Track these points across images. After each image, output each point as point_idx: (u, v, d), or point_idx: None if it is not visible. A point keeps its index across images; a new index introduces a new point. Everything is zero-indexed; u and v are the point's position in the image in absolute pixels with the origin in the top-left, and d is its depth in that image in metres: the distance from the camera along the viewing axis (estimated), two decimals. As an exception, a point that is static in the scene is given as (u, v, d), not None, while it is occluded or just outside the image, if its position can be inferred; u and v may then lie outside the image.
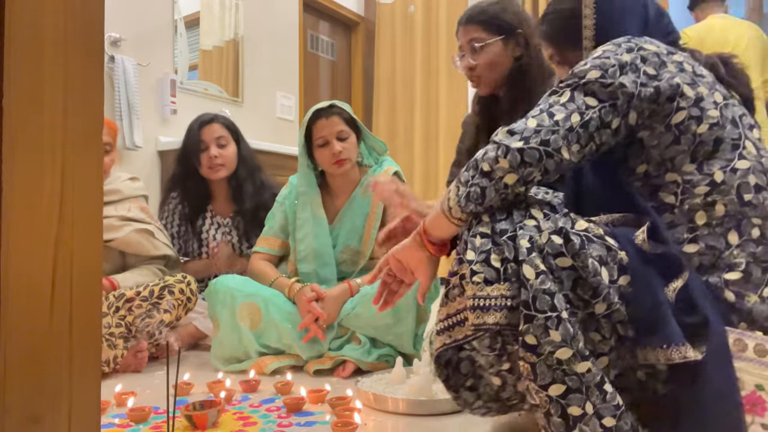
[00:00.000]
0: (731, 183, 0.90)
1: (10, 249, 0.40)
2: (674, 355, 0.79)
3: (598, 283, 0.82)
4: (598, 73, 0.92)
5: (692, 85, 0.94)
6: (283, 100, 4.02)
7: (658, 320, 0.81)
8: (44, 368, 0.42)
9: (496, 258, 0.86)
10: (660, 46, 0.97)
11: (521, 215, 0.88)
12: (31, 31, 0.41)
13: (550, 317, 0.80)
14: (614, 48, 0.96)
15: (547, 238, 0.84)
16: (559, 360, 0.79)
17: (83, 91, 0.44)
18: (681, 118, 0.92)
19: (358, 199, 1.99)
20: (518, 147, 0.87)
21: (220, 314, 1.82)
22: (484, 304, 0.85)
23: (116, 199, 1.98)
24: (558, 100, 0.92)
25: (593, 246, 0.85)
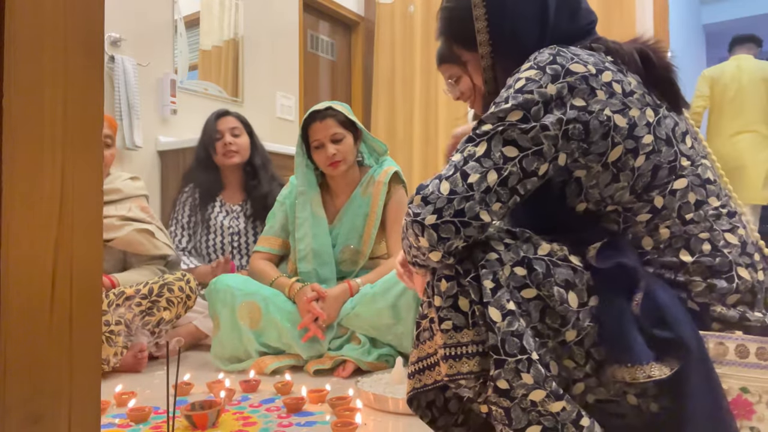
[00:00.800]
0: (672, 206, 0.87)
1: (10, 249, 0.40)
2: (638, 374, 0.77)
3: (566, 311, 0.80)
4: (519, 115, 0.84)
5: (623, 112, 0.87)
6: (283, 100, 4.02)
7: (622, 338, 0.79)
8: (44, 368, 0.42)
9: (464, 302, 0.82)
10: (588, 64, 0.88)
11: (482, 251, 0.83)
12: (31, 31, 0.41)
13: (520, 360, 0.77)
14: (538, 75, 0.86)
15: (509, 272, 0.81)
16: (533, 402, 0.77)
17: (83, 91, 0.44)
18: (618, 155, 0.86)
19: (359, 198, 1.99)
20: (432, 223, 0.82)
21: (221, 313, 1.82)
22: (455, 353, 0.83)
23: (117, 198, 1.98)
24: (474, 152, 0.85)
25: (558, 270, 0.82)
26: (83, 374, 0.44)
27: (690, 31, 7.02)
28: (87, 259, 0.44)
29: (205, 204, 2.45)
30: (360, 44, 4.87)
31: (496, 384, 0.78)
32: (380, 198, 1.97)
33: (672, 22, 4.12)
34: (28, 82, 0.41)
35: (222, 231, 2.44)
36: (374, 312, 1.73)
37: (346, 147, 1.92)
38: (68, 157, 0.43)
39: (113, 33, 2.94)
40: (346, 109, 1.96)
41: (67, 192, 0.43)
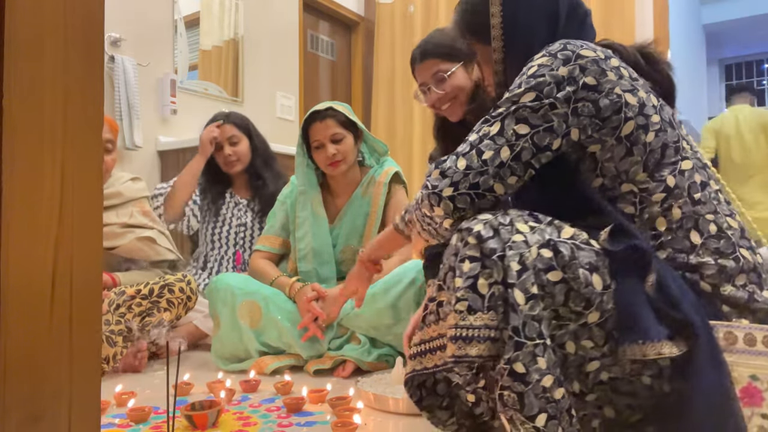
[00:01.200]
0: (683, 185, 0.92)
1: (10, 249, 0.40)
2: (649, 351, 0.79)
3: (591, 293, 0.82)
4: (532, 96, 0.91)
5: (633, 92, 0.93)
6: (283, 100, 4.02)
7: (636, 316, 0.81)
8: (44, 368, 0.42)
9: (484, 283, 0.83)
10: (597, 51, 0.95)
11: (508, 231, 0.85)
12: (31, 31, 0.41)
13: (538, 344, 0.79)
14: (550, 61, 0.93)
15: (536, 254, 0.82)
16: (544, 388, 0.78)
17: (83, 91, 0.44)
18: (630, 129, 0.92)
19: (359, 198, 1.99)
20: (449, 195, 0.90)
21: (221, 312, 1.82)
22: (466, 335, 0.82)
23: (118, 203, 1.98)
24: (488, 131, 0.92)
25: (582, 253, 0.83)
26: (83, 374, 0.44)
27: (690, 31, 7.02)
28: (87, 259, 0.44)
29: (215, 198, 2.52)
30: (360, 44, 4.87)
31: (513, 367, 0.78)
32: (381, 198, 1.97)
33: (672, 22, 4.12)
34: (28, 82, 0.41)
35: (230, 221, 2.50)
36: (374, 312, 1.73)
37: (346, 147, 1.92)
38: (68, 157, 0.43)
39: (113, 33, 2.94)
40: (346, 110, 1.96)
41: (67, 192, 0.43)
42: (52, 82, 0.43)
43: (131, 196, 2.03)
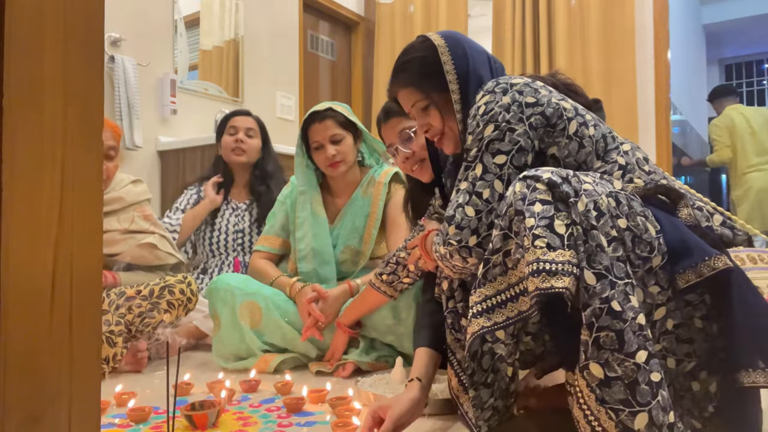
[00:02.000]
0: (632, 162, 1.06)
1: (10, 249, 0.40)
2: (717, 263, 0.86)
3: (650, 238, 0.88)
4: (491, 127, 1.03)
5: (564, 100, 1.09)
6: (283, 100, 4.02)
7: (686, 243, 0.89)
8: (44, 368, 0.42)
9: (560, 224, 0.85)
10: (523, 78, 1.11)
11: (577, 181, 0.90)
12: (31, 30, 0.41)
13: (628, 284, 0.82)
14: (491, 97, 1.07)
15: (607, 201, 0.88)
16: (640, 326, 0.80)
17: (83, 91, 0.44)
18: (575, 127, 1.06)
19: (360, 199, 1.99)
20: (475, 243, 0.98)
21: (221, 313, 1.82)
22: (550, 268, 0.82)
23: (119, 207, 1.98)
24: (476, 174, 1.03)
25: (634, 204, 0.91)
26: (83, 374, 0.44)
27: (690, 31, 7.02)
28: (87, 259, 0.44)
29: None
30: (360, 44, 4.87)
31: (611, 305, 0.80)
32: (381, 198, 1.97)
33: (672, 22, 4.12)
34: (28, 82, 0.41)
35: (227, 229, 2.47)
36: (375, 313, 1.73)
37: (345, 147, 1.92)
38: (68, 157, 0.43)
39: (113, 33, 2.94)
40: (346, 110, 1.96)
41: (67, 192, 0.43)
42: (52, 82, 0.43)
43: (132, 200, 2.03)
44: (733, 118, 4.53)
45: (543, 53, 4.07)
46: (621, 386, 0.79)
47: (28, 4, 0.41)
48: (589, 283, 0.81)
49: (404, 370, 1.51)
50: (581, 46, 3.93)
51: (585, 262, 0.82)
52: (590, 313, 0.80)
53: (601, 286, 0.80)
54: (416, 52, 1.22)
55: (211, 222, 2.49)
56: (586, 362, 0.81)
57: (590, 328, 0.80)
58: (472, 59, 1.18)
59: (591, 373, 0.80)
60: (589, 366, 0.81)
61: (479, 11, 4.62)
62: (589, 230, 0.84)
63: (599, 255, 0.82)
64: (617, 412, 0.79)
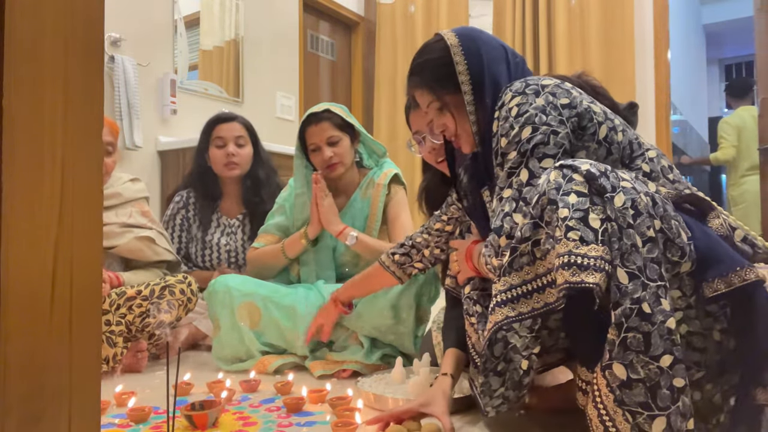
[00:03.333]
0: (656, 169, 1.04)
1: (10, 249, 0.40)
2: (750, 275, 0.84)
3: (683, 243, 0.86)
4: (529, 129, 1.01)
5: (593, 103, 1.07)
6: (283, 100, 4.02)
7: (720, 251, 0.87)
8: (44, 368, 0.42)
9: (595, 218, 0.83)
10: (553, 79, 1.09)
11: (615, 177, 0.87)
12: (31, 31, 0.41)
13: (660, 286, 0.80)
14: (523, 99, 1.04)
15: (645, 201, 0.86)
16: (669, 330, 0.79)
17: (83, 91, 0.44)
18: (605, 132, 1.04)
19: (359, 201, 1.99)
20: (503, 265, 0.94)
21: (220, 315, 1.82)
22: (582, 262, 0.80)
23: (117, 203, 1.98)
24: (521, 180, 1.00)
25: (668, 207, 0.89)
26: (83, 374, 0.44)
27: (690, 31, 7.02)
28: (87, 259, 0.44)
29: (202, 218, 2.32)
30: (360, 44, 4.87)
31: (641, 307, 0.78)
32: (380, 200, 1.97)
33: (672, 22, 4.12)
34: (28, 82, 0.41)
35: (219, 248, 2.31)
36: (375, 312, 1.72)
37: (342, 149, 1.92)
38: (68, 157, 0.43)
39: (113, 33, 2.94)
40: (344, 111, 1.95)
41: (67, 192, 0.43)
42: (52, 82, 0.43)
43: (130, 196, 2.03)
44: (745, 119, 4.54)
45: (543, 53, 4.08)
46: (642, 389, 0.78)
47: (28, 4, 0.41)
48: (622, 282, 0.80)
49: (404, 370, 1.51)
50: (581, 46, 3.93)
51: (618, 260, 0.80)
52: (620, 312, 0.79)
53: (633, 286, 0.79)
54: (430, 53, 1.21)
55: (202, 239, 2.32)
56: (609, 362, 0.80)
57: (619, 327, 0.79)
58: (487, 57, 1.15)
59: (614, 373, 0.79)
60: (612, 366, 0.79)
61: (480, 11, 4.62)
62: (624, 228, 0.82)
63: (633, 254, 0.81)
64: (635, 415, 0.78)
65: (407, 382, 1.44)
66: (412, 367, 1.58)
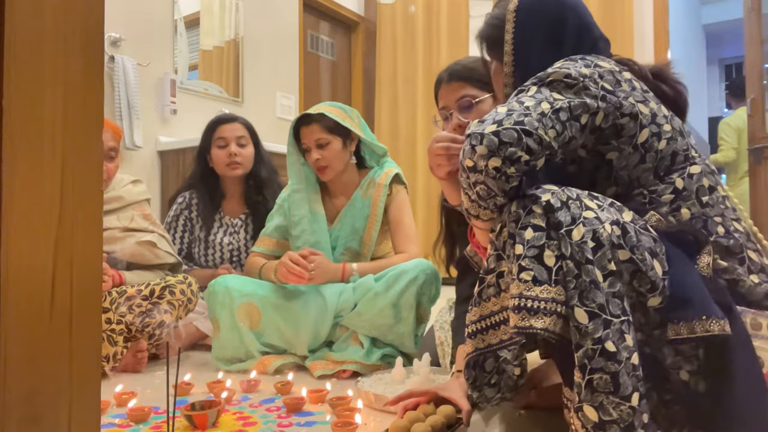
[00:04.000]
0: (691, 188, 0.94)
1: (10, 249, 0.40)
2: (713, 326, 0.78)
3: (655, 277, 0.80)
4: (562, 74, 0.92)
5: (645, 103, 0.97)
6: (283, 100, 4.02)
7: (695, 294, 0.80)
8: (44, 368, 0.42)
9: (550, 255, 0.80)
10: (611, 63, 0.99)
11: (577, 206, 0.82)
12: (31, 31, 0.41)
13: (624, 321, 0.77)
14: (571, 62, 0.96)
15: (609, 230, 0.80)
16: (634, 366, 0.76)
17: (83, 91, 0.44)
18: (645, 137, 0.95)
19: (359, 200, 1.99)
20: (492, 130, 0.83)
21: (220, 315, 1.82)
22: (531, 306, 0.79)
23: (118, 206, 1.98)
24: (525, 92, 0.91)
25: (644, 237, 0.83)
26: (83, 374, 0.44)
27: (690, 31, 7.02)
28: (87, 259, 0.44)
29: (205, 219, 2.33)
30: (360, 44, 4.87)
31: (604, 346, 0.75)
32: (381, 200, 1.96)
33: (672, 22, 4.12)
34: (28, 83, 0.41)
35: (221, 248, 2.33)
36: (375, 311, 1.73)
37: (330, 153, 1.89)
38: (68, 157, 0.43)
39: (113, 33, 2.94)
40: (341, 112, 1.92)
41: (67, 192, 0.43)
42: (52, 82, 0.43)
43: (132, 199, 2.03)
44: (745, 120, 4.59)
45: (543, 53, 4.07)
46: (617, 429, 0.76)
47: (28, 5, 0.41)
48: (581, 322, 0.76)
49: (404, 370, 1.51)
50: (581, 46, 3.93)
51: (576, 299, 0.77)
52: (582, 354, 0.76)
53: (594, 326, 0.76)
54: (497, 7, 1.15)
55: (205, 240, 2.34)
56: (580, 404, 0.77)
57: (583, 370, 0.76)
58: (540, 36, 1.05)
59: (585, 415, 0.77)
60: (583, 408, 0.77)
61: (480, 11, 4.61)
62: (583, 264, 0.78)
63: (593, 292, 0.77)
64: None
65: (407, 382, 1.44)
66: (412, 367, 1.58)
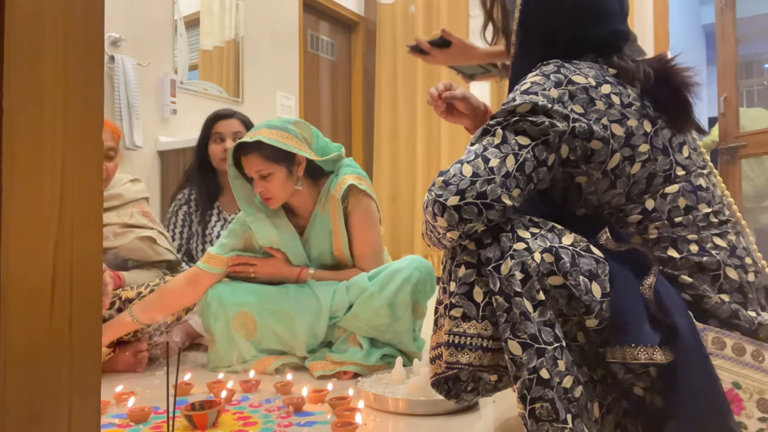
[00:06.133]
0: (662, 209, 0.91)
1: (10, 249, 0.40)
2: (641, 355, 0.78)
3: (591, 300, 0.81)
4: (527, 107, 0.89)
5: (621, 122, 0.91)
6: (283, 100, 4.02)
7: (629, 319, 0.80)
8: (44, 368, 0.42)
9: (479, 291, 0.84)
10: (588, 77, 0.93)
11: (509, 239, 0.84)
12: (31, 31, 0.41)
13: (556, 347, 0.79)
14: (542, 80, 0.92)
15: (539, 259, 0.82)
16: (565, 389, 0.78)
17: (83, 91, 0.44)
18: (616, 162, 0.91)
19: (320, 216, 1.85)
20: (454, 205, 0.83)
21: (214, 327, 1.79)
22: (459, 342, 0.84)
23: (118, 204, 1.98)
24: (491, 141, 0.89)
25: (582, 261, 0.83)
26: (83, 374, 0.44)
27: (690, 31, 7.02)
28: (87, 259, 0.44)
29: (203, 213, 2.35)
30: (360, 44, 4.87)
31: (540, 374, 0.78)
32: (339, 214, 1.82)
33: (672, 22, 4.12)
34: (28, 82, 0.41)
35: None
36: (372, 311, 1.72)
37: (273, 184, 1.73)
38: (68, 157, 0.43)
39: (113, 33, 2.94)
40: (281, 134, 1.72)
41: (67, 192, 0.43)
42: (52, 82, 0.43)
43: (131, 197, 2.04)
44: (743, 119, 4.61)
45: (543, 53, 4.07)
46: None
47: (27, 5, 0.41)
48: (515, 354, 0.79)
49: (404, 370, 1.51)
50: (581, 46, 3.93)
51: (509, 332, 0.79)
52: (521, 385, 0.79)
53: (528, 356, 0.78)
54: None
55: (202, 234, 2.35)
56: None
57: (524, 400, 0.79)
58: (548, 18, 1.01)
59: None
60: None
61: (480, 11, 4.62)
62: (512, 296, 0.80)
63: (524, 323, 0.79)
64: None
65: (407, 382, 1.44)
66: (412, 367, 1.58)
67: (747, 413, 0.80)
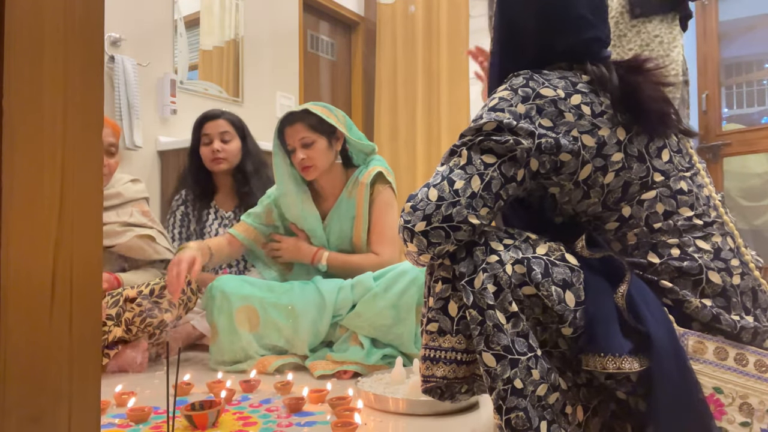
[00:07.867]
0: (639, 215, 0.91)
1: (10, 249, 0.40)
2: (609, 365, 0.78)
3: (564, 310, 0.82)
4: (493, 125, 0.89)
5: (591, 132, 0.90)
6: (283, 100, 4.02)
7: (599, 329, 0.80)
8: (44, 368, 0.42)
9: (454, 306, 0.86)
10: (558, 89, 0.92)
11: (482, 252, 0.85)
12: (31, 31, 0.41)
13: (530, 357, 0.80)
14: (510, 95, 0.92)
15: (511, 271, 0.83)
16: (539, 397, 0.80)
17: (83, 91, 0.44)
18: (587, 173, 0.91)
19: (345, 201, 1.96)
20: (421, 230, 0.85)
21: (218, 320, 1.80)
22: (434, 356, 0.87)
23: (118, 203, 1.99)
24: (458, 162, 0.89)
25: (556, 270, 0.84)
26: (83, 374, 0.44)
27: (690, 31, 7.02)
28: (87, 259, 0.44)
29: (200, 212, 2.40)
30: (360, 44, 4.87)
31: (513, 384, 0.79)
32: (364, 200, 1.93)
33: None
34: (28, 83, 0.41)
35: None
36: (375, 312, 1.72)
37: (315, 152, 1.87)
38: (68, 157, 0.43)
39: (113, 33, 2.94)
40: (327, 111, 1.90)
41: (67, 192, 0.43)
42: (52, 82, 0.43)
43: (131, 196, 2.04)
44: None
45: (543, 53, 4.07)
46: None
47: (27, 5, 0.41)
48: (490, 365, 0.80)
49: (404, 370, 1.51)
50: (581, 46, 3.93)
51: (483, 344, 0.81)
52: (496, 396, 0.80)
53: (502, 367, 0.79)
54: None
55: (200, 233, 2.40)
56: None
57: (499, 411, 0.80)
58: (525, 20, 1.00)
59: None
60: None
61: (480, 11, 4.62)
62: (485, 309, 0.81)
63: (497, 335, 0.80)
64: None
65: (407, 382, 1.44)
66: (412, 367, 1.58)
67: (728, 418, 0.79)
